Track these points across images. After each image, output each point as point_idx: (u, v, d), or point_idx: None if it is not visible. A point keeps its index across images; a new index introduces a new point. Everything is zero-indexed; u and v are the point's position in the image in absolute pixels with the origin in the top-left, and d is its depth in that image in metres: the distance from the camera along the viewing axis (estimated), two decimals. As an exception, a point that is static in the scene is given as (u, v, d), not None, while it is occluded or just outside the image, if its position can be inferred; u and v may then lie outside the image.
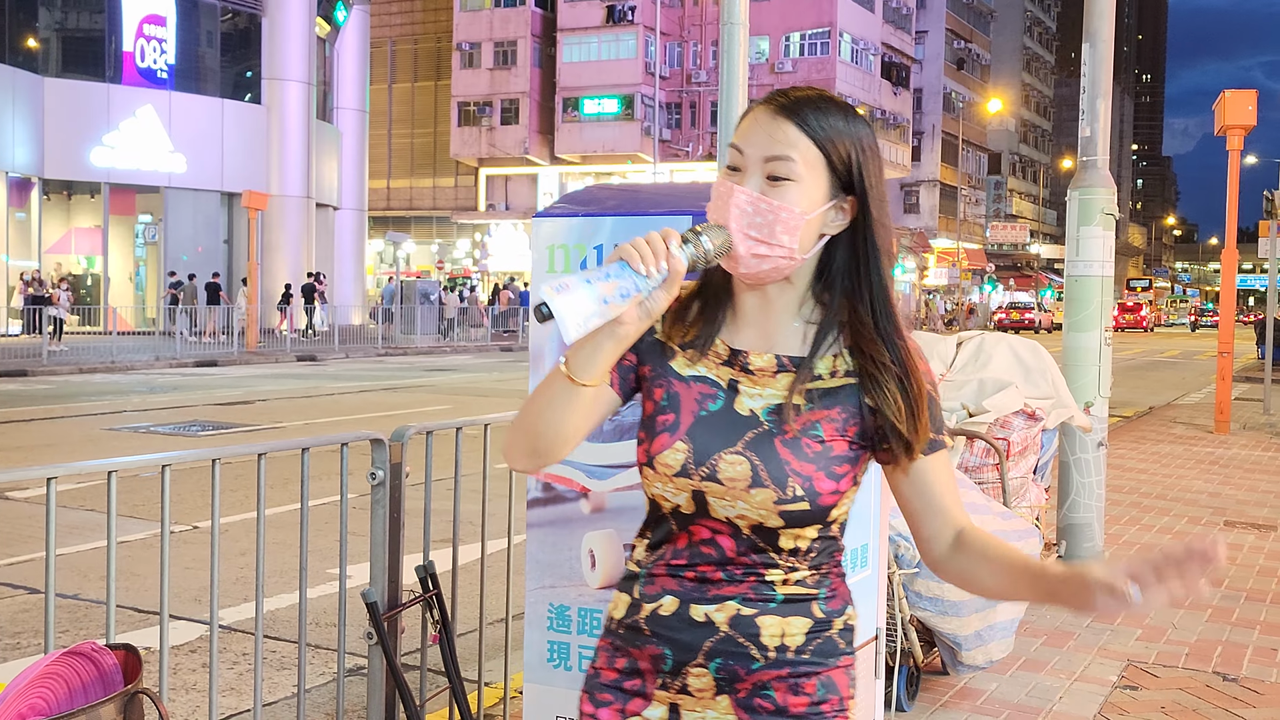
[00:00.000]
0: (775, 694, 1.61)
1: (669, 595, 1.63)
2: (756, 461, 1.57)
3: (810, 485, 1.57)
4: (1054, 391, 6.08)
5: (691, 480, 1.59)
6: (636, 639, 1.65)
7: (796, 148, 1.57)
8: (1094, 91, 6.86)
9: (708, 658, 1.60)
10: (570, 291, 1.44)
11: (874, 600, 3.71)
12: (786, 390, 1.61)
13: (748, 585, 1.61)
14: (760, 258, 1.57)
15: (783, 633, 1.60)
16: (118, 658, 2.10)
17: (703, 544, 1.62)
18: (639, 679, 1.66)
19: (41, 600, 5.89)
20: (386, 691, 3.56)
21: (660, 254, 1.49)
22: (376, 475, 3.48)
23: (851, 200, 1.62)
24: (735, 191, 1.57)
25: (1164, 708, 4.58)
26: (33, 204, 32.61)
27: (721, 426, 1.60)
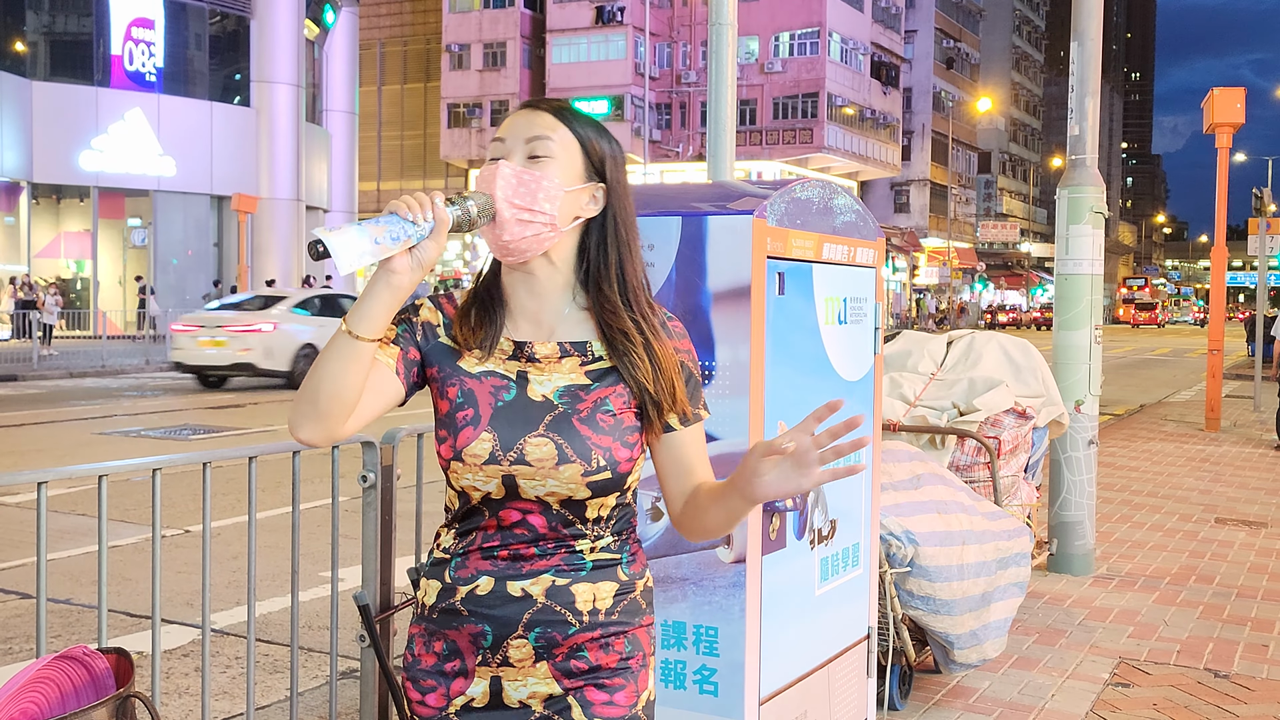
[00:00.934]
0: (589, 654, 1.75)
1: (484, 575, 1.75)
2: (560, 440, 1.72)
3: (610, 455, 1.73)
4: (1044, 390, 6.10)
5: (501, 466, 1.72)
6: (453, 620, 1.76)
7: (555, 130, 1.76)
8: (1082, 90, 6.88)
9: (526, 629, 1.73)
10: (344, 232, 1.57)
11: (865, 599, 3.72)
12: (573, 373, 1.77)
13: (559, 557, 1.75)
14: (524, 223, 1.72)
15: (594, 597, 1.75)
16: (109, 662, 2.10)
17: (514, 526, 1.75)
18: (458, 659, 1.77)
19: (33, 605, 5.88)
20: (379, 694, 3.56)
21: (426, 205, 1.63)
22: (368, 478, 3.48)
23: (603, 188, 1.79)
24: (500, 165, 1.73)
25: (1156, 705, 4.60)
26: (21, 208, 32.50)
27: (520, 413, 1.74)
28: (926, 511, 4.42)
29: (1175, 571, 6.83)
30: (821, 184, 3.36)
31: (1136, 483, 10.05)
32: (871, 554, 3.76)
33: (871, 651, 3.75)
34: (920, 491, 4.52)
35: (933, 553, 4.30)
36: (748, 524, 2.98)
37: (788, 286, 3.14)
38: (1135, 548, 7.46)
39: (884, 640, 4.28)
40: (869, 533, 3.73)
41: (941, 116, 68.02)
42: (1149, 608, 6.03)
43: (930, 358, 6.20)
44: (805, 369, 3.26)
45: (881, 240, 3.71)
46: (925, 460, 4.81)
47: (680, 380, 1.79)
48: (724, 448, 2.96)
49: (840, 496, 3.50)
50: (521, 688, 1.75)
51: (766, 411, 3.04)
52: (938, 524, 4.39)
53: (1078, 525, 6.78)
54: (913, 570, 4.27)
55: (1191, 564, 7.03)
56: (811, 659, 3.35)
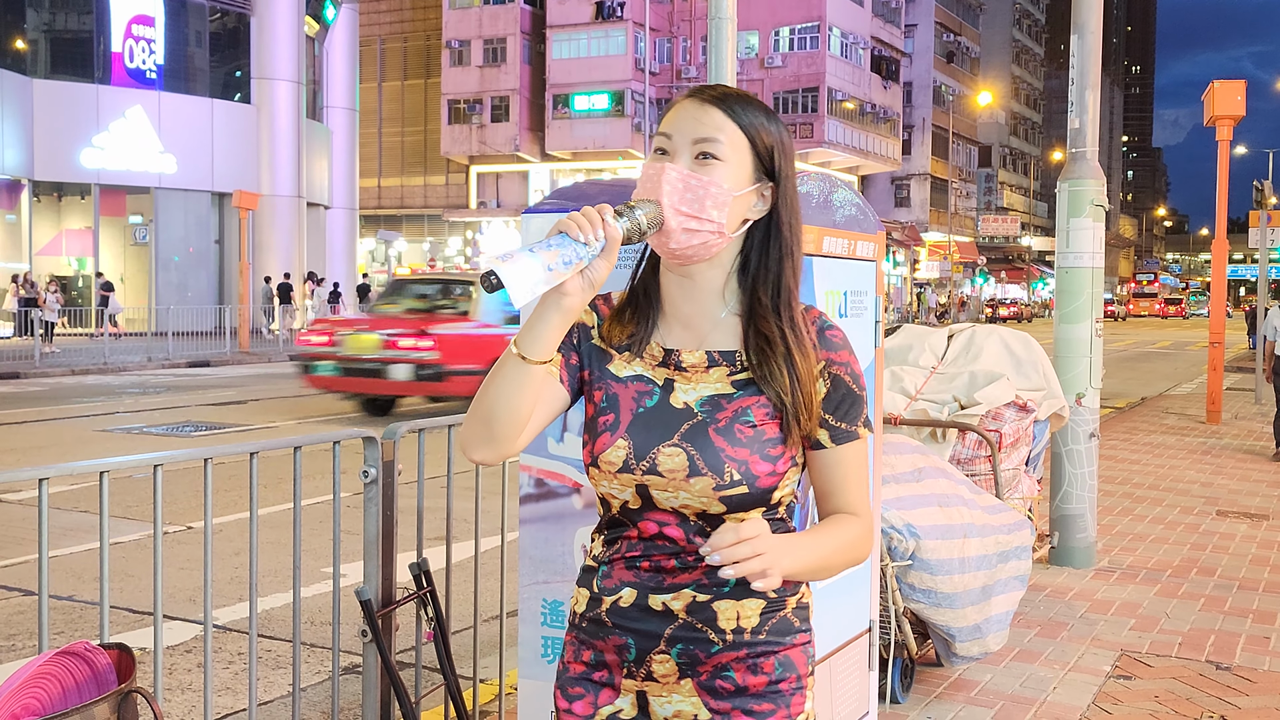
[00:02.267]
0: (735, 674, 1.67)
1: (627, 587, 1.69)
2: (693, 451, 1.64)
3: (746, 469, 1.64)
4: (1045, 383, 6.10)
5: (634, 475, 1.66)
6: (600, 631, 1.71)
7: (724, 130, 1.65)
8: (1082, 83, 6.87)
9: (669, 644, 1.67)
10: (515, 260, 1.49)
11: (867, 592, 3.71)
12: (719, 382, 1.69)
13: (701, 571, 1.67)
14: (691, 232, 1.63)
15: (738, 615, 1.67)
16: (111, 657, 2.10)
17: (655, 537, 1.69)
18: (605, 670, 1.72)
19: (34, 602, 5.88)
20: (381, 689, 3.56)
21: (596, 223, 1.54)
22: (369, 473, 3.47)
23: (772, 188, 1.71)
24: (667, 169, 1.63)
25: (1158, 697, 4.59)
26: (23, 206, 32.50)
27: (658, 421, 1.67)
28: (928, 505, 4.42)
29: (1177, 564, 6.83)
30: (821, 178, 3.36)
31: (1138, 476, 10.04)
32: (873, 547, 3.75)
33: (873, 645, 3.75)
34: (921, 485, 4.52)
35: (934, 546, 4.29)
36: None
37: (788, 280, 3.14)
38: (1137, 540, 7.46)
39: (885, 633, 4.28)
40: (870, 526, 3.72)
41: (942, 110, 67.95)
42: (1150, 600, 6.03)
43: (931, 351, 6.20)
44: (806, 362, 3.25)
45: (882, 234, 3.71)
46: (926, 454, 4.81)
47: (818, 394, 1.69)
48: (725, 441, 2.95)
49: (841, 490, 3.49)
50: (667, 705, 1.69)
51: (767, 405, 3.03)
52: (939, 517, 4.39)
53: (1079, 518, 6.77)
54: (914, 563, 4.26)
55: (1193, 556, 7.03)
56: (813, 652, 3.34)
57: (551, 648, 3.16)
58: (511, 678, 4.23)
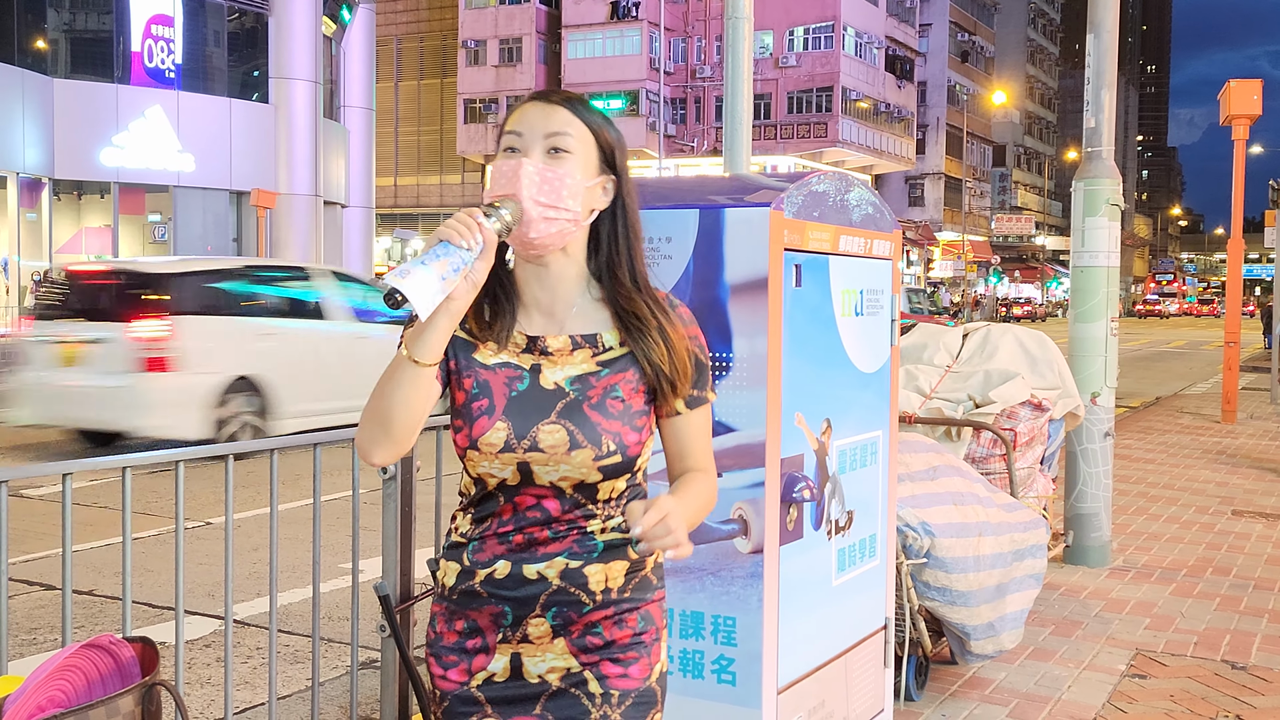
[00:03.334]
0: (603, 630, 1.82)
1: (501, 560, 1.81)
2: (571, 427, 1.77)
3: (620, 439, 1.79)
4: (1060, 382, 6.08)
5: (515, 454, 1.77)
6: (473, 602, 1.83)
7: (571, 126, 1.80)
8: (1098, 82, 6.84)
9: (544, 608, 1.80)
10: (413, 275, 1.60)
11: (882, 590, 3.72)
12: (584, 363, 1.81)
13: (571, 539, 1.80)
14: (550, 220, 1.76)
15: (606, 577, 1.82)
16: (135, 650, 2.11)
17: (528, 510, 1.81)
18: (479, 637, 1.84)
19: (57, 596, 5.92)
20: (399, 684, 3.58)
21: (474, 228, 1.66)
22: (387, 470, 3.49)
23: (614, 180, 1.85)
24: (524, 163, 1.76)
25: (1173, 696, 4.58)
26: (43, 204, 32.66)
27: (533, 402, 1.79)
28: (943, 503, 4.41)
29: (1192, 563, 6.80)
30: (838, 176, 3.36)
31: (1153, 475, 10.01)
32: (888, 545, 3.76)
33: (888, 642, 3.75)
34: (937, 483, 4.52)
35: (949, 544, 4.29)
36: (765, 515, 2.98)
37: (805, 278, 3.14)
38: (1152, 539, 7.43)
39: (901, 631, 4.27)
40: (886, 524, 3.73)
41: (956, 110, 67.75)
42: (1166, 599, 6.01)
43: (946, 350, 6.18)
44: (822, 361, 3.26)
45: (898, 232, 3.70)
46: (941, 452, 4.81)
47: (690, 361, 1.85)
48: (740, 439, 2.96)
49: (857, 488, 3.50)
50: (540, 663, 1.82)
51: (784, 403, 3.04)
52: (954, 515, 4.38)
53: (1094, 517, 6.75)
54: (929, 561, 4.26)
55: (1208, 556, 7.00)
56: (828, 649, 3.35)
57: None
58: (528, 673, 4.24)
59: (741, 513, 2.99)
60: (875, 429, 3.61)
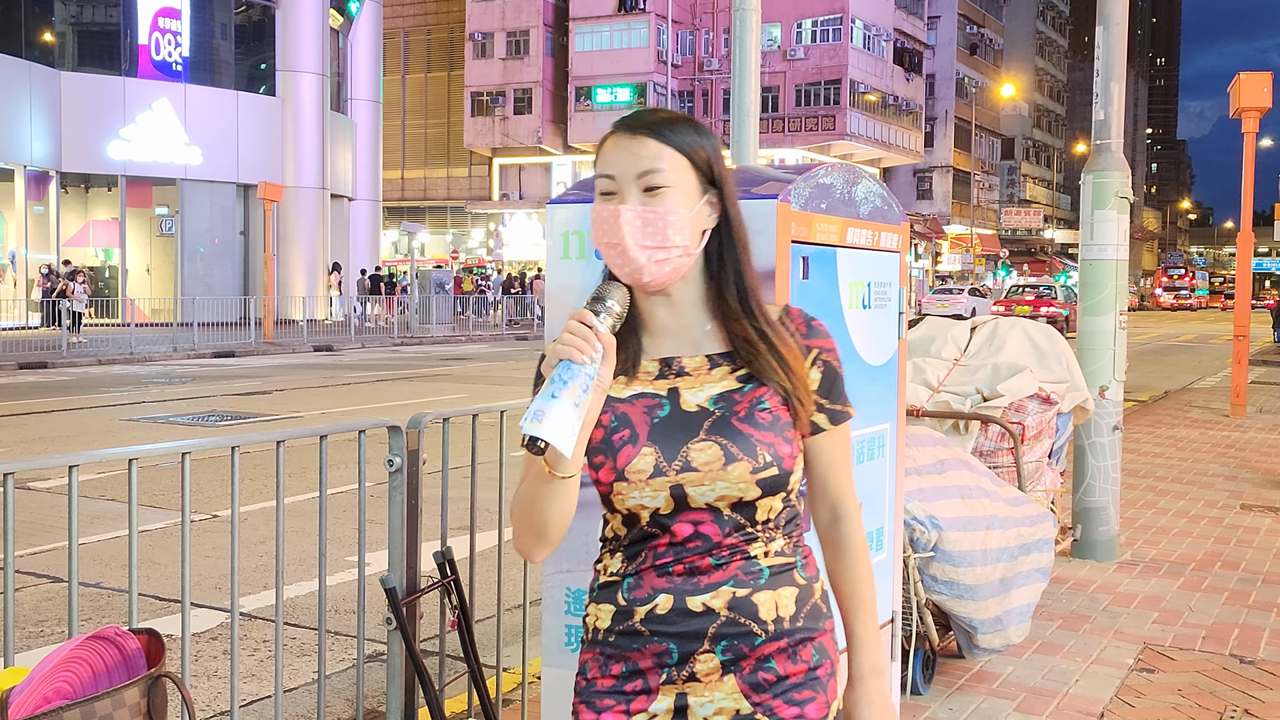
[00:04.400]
0: (777, 665, 1.69)
1: (662, 594, 1.69)
2: (724, 441, 1.67)
3: (774, 451, 1.69)
4: (1069, 375, 6.07)
5: (667, 478, 1.67)
6: (634, 642, 1.71)
7: (662, 158, 1.69)
8: (1107, 74, 6.82)
9: (713, 642, 1.68)
10: (549, 415, 1.55)
11: (889, 583, 3.71)
12: (724, 380, 1.72)
13: (735, 567, 1.69)
14: (660, 262, 1.69)
15: (776, 605, 1.70)
16: (141, 642, 2.12)
17: (688, 540, 1.69)
18: (639, 679, 1.71)
19: (63, 589, 5.94)
20: (406, 677, 3.58)
21: (591, 338, 1.60)
22: (394, 462, 3.49)
23: (717, 193, 1.74)
24: (622, 211, 1.68)
25: (1180, 690, 4.57)
26: (50, 197, 32.74)
27: (677, 425, 1.70)
28: (950, 497, 4.40)
29: (1200, 557, 6.79)
30: (846, 169, 3.35)
31: (1161, 469, 9.99)
32: (895, 538, 3.75)
33: (895, 636, 3.75)
34: (944, 477, 4.51)
35: (956, 538, 4.28)
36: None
37: (812, 271, 3.13)
38: (1160, 533, 7.42)
39: (907, 625, 4.27)
40: (893, 517, 3.72)
41: (965, 102, 67.59)
42: (1174, 593, 6.00)
43: (954, 343, 6.17)
44: (829, 354, 3.25)
45: (906, 225, 3.69)
46: (949, 445, 4.80)
47: (811, 380, 1.75)
48: (748, 432, 2.95)
49: (864, 481, 3.49)
50: (708, 704, 1.69)
51: (790, 396, 3.03)
52: (961, 509, 4.37)
53: (1102, 511, 6.74)
54: (936, 555, 4.25)
55: (1217, 550, 6.99)
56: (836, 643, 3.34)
57: (575, 637, 3.17)
58: (535, 666, 4.25)
59: (748, 506, 2.98)
60: (882, 422, 3.60)
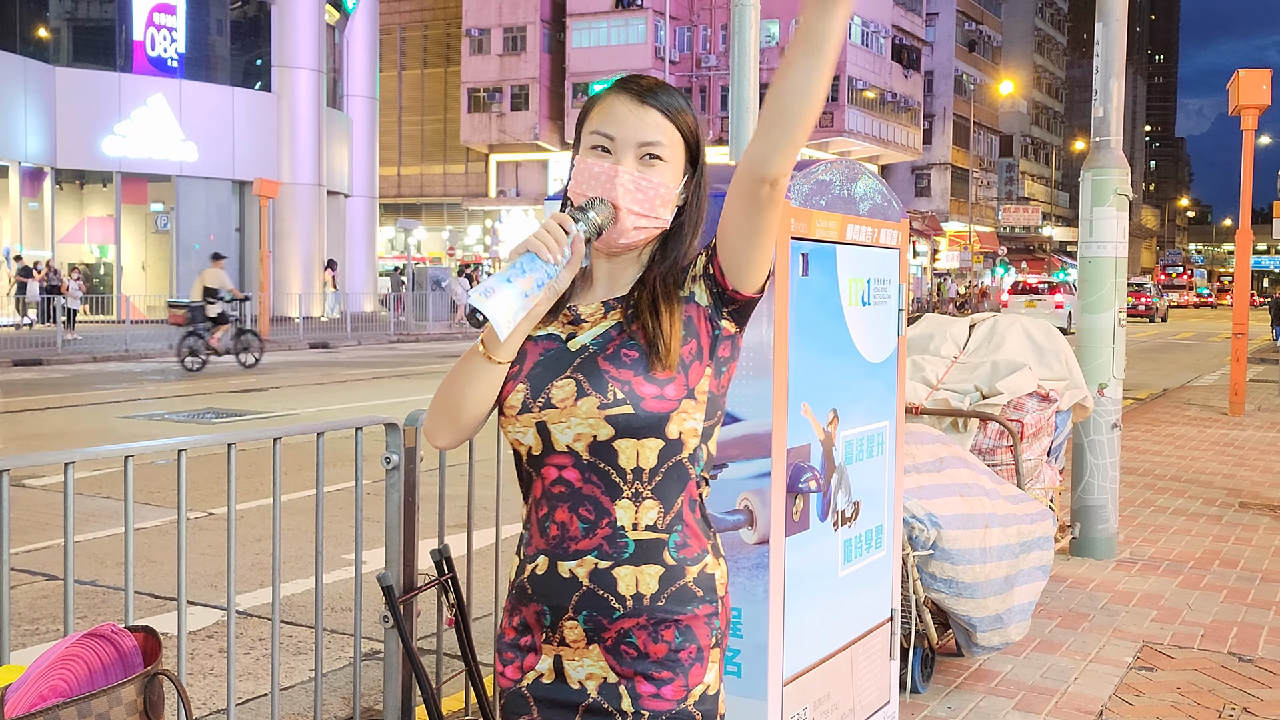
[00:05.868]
0: (637, 640, 1.74)
1: (541, 555, 1.77)
2: (580, 377, 1.73)
3: (630, 389, 1.70)
4: (1068, 373, 6.07)
5: (532, 413, 1.74)
6: (523, 598, 1.80)
7: (664, 131, 1.76)
8: (1106, 71, 6.82)
9: (575, 610, 1.74)
10: (496, 294, 1.59)
11: (888, 581, 3.71)
12: (612, 321, 1.78)
13: (600, 537, 1.73)
14: (641, 229, 1.76)
15: (636, 581, 1.73)
16: (137, 640, 2.11)
17: (553, 484, 1.75)
18: (529, 635, 1.81)
19: (59, 586, 5.93)
20: (403, 675, 3.58)
21: (563, 241, 1.64)
22: (391, 460, 3.49)
23: (694, 176, 1.81)
24: (620, 172, 1.74)
25: (1179, 688, 4.57)
26: (45, 193, 32.68)
27: (554, 363, 1.76)
28: (949, 494, 4.40)
29: (1199, 555, 6.79)
30: (845, 165, 3.34)
31: (1160, 467, 9.99)
32: (894, 536, 3.75)
33: (894, 634, 3.75)
34: (943, 474, 4.51)
35: (955, 536, 4.28)
36: (771, 505, 2.97)
37: (811, 267, 3.13)
38: (1159, 532, 7.42)
39: (906, 623, 4.27)
40: (892, 515, 3.72)
41: (963, 99, 67.59)
42: (1173, 592, 6.00)
43: (953, 341, 6.17)
44: (828, 350, 3.25)
45: (905, 222, 3.69)
46: (948, 443, 4.80)
47: (677, 334, 1.74)
48: (748, 428, 2.95)
49: (863, 478, 3.49)
50: (579, 668, 1.76)
51: (790, 393, 3.03)
52: (960, 507, 4.37)
53: (1101, 509, 6.74)
54: (935, 553, 4.25)
55: (1215, 548, 6.99)
56: (834, 641, 3.34)
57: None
58: (532, 664, 4.23)
59: (747, 503, 2.99)
60: (882, 419, 3.60)
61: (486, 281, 1.60)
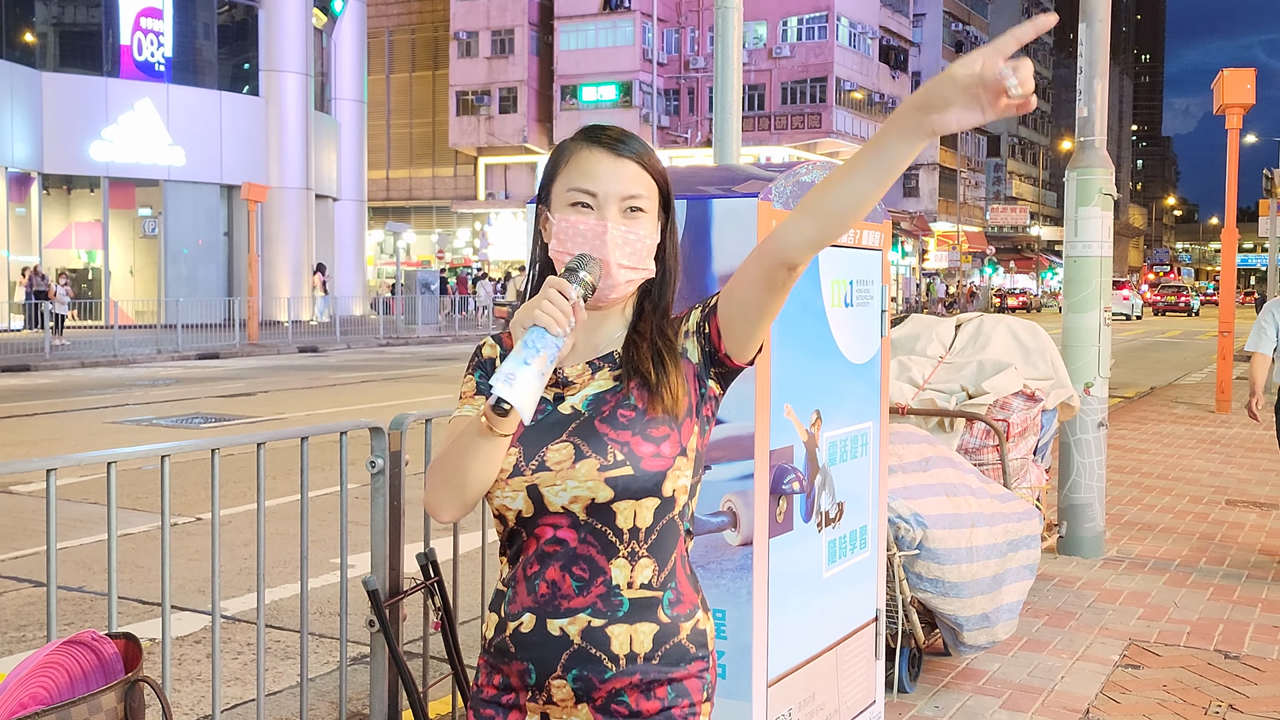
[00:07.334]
0: (629, 699, 1.71)
1: (527, 613, 1.73)
2: (579, 441, 1.70)
3: (629, 449, 1.69)
4: (1054, 372, 6.08)
5: (524, 477, 1.70)
6: (504, 657, 1.75)
7: (642, 183, 1.76)
8: (1091, 71, 6.84)
9: (564, 669, 1.71)
10: (519, 381, 1.54)
11: (873, 582, 3.72)
12: (603, 381, 1.76)
13: (595, 595, 1.70)
14: (630, 281, 1.76)
15: (630, 639, 1.70)
16: (118, 647, 2.11)
17: (546, 544, 1.71)
18: (513, 693, 1.76)
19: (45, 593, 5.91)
20: (389, 679, 3.57)
21: (568, 311, 1.59)
22: (376, 464, 3.48)
23: (665, 220, 1.82)
24: (610, 229, 1.73)
25: (1165, 686, 4.59)
26: (32, 199, 32.56)
27: (546, 428, 1.73)
28: (935, 494, 4.41)
29: (1185, 553, 6.82)
30: (827, 166, 3.35)
31: (1146, 465, 10.02)
32: (880, 536, 3.75)
33: (880, 634, 3.75)
34: (929, 474, 4.52)
35: (941, 535, 4.29)
36: (754, 506, 2.98)
37: (794, 269, 3.13)
38: (1145, 530, 7.44)
39: (893, 623, 4.28)
40: (877, 515, 3.72)
41: (951, 100, 67.64)
42: (1159, 589, 6.02)
43: (939, 341, 6.18)
44: (811, 351, 3.25)
45: (888, 223, 3.70)
46: (934, 443, 4.81)
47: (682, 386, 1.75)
48: (729, 431, 2.95)
49: (847, 479, 3.50)
50: None
51: (773, 394, 3.03)
52: (946, 506, 4.38)
53: (1087, 508, 6.76)
54: (922, 553, 4.26)
55: (1202, 546, 7.02)
56: (819, 641, 3.35)
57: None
58: (519, 667, 4.23)
59: (731, 505, 2.99)
60: (866, 420, 3.61)
61: (505, 368, 1.54)
